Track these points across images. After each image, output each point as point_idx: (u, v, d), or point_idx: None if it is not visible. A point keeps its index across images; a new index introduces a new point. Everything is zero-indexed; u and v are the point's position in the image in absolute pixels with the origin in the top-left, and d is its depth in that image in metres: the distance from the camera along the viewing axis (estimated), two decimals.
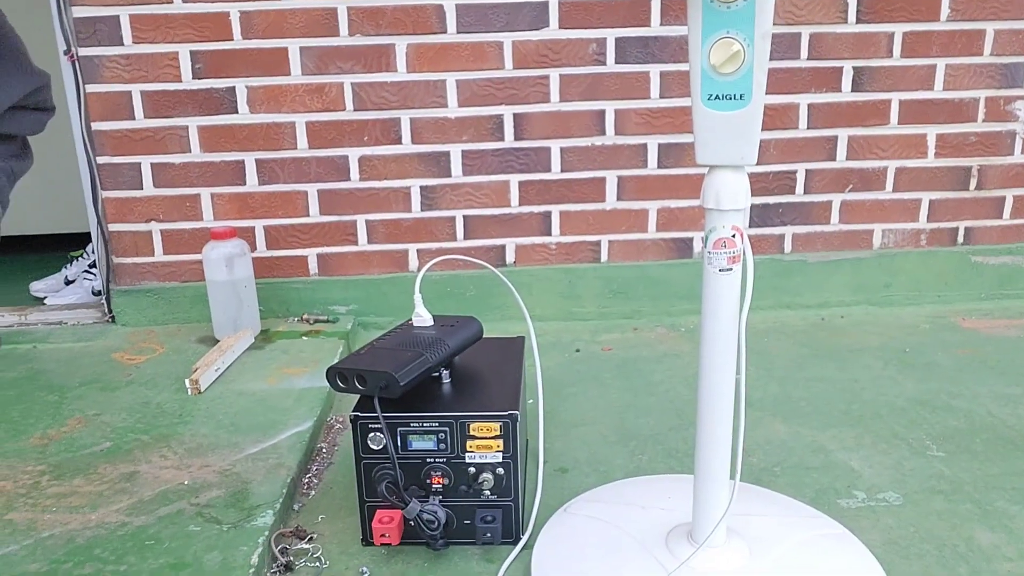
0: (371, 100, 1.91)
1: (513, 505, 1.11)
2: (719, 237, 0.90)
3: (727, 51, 0.82)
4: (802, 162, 2.03)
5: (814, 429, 1.47)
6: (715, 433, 1.00)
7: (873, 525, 1.17)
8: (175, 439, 1.41)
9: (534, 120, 1.95)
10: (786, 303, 2.09)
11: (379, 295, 2.02)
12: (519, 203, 2.00)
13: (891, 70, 1.97)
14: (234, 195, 1.95)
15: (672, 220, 2.04)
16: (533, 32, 1.89)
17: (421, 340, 1.18)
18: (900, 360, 1.77)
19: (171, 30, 1.84)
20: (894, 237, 2.10)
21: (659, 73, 1.93)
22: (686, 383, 1.67)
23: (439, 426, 1.09)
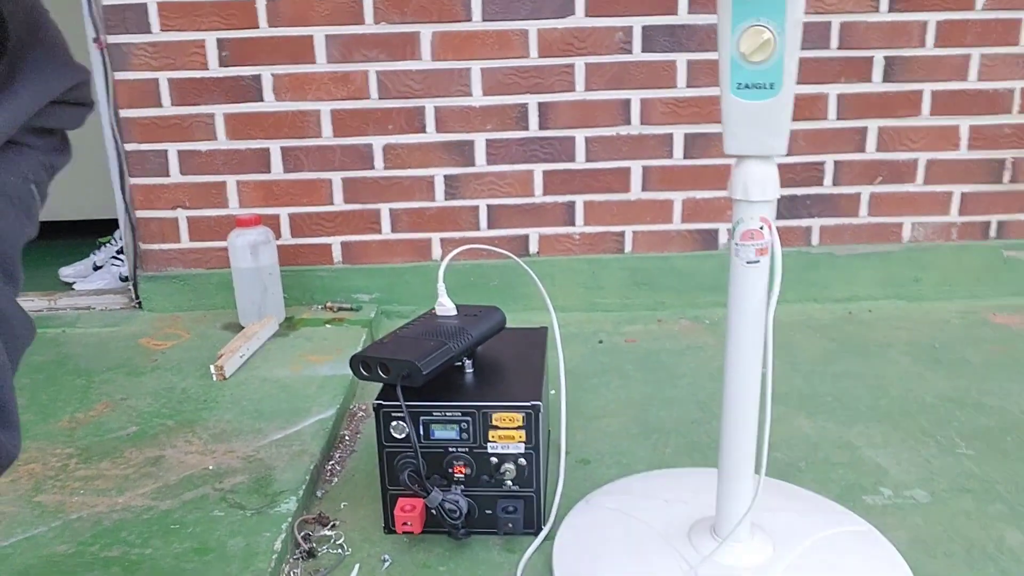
0: (396, 88, 1.91)
1: (535, 496, 1.11)
2: (747, 229, 0.89)
3: (757, 39, 0.80)
4: (831, 153, 2.00)
5: (840, 425, 1.45)
6: (740, 427, 0.99)
7: (900, 523, 1.15)
8: (200, 424, 1.42)
9: (559, 109, 1.93)
10: (813, 296, 2.06)
11: (402, 283, 2.02)
12: (543, 193, 1.99)
13: (924, 60, 1.94)
14: (259, 183, 1.96)
15: (698, 211, 2.02)
16: (559, 20, 1.87)
17: (444, 330, 1.17)
18: (929, 356, 1.74)
19: (198, 18, 1.85)
20: (924, 230, 2.06)
21: (686, 62, 1.91)
22: (710, 376, 1.66)
23: (462, 416, 1.09)
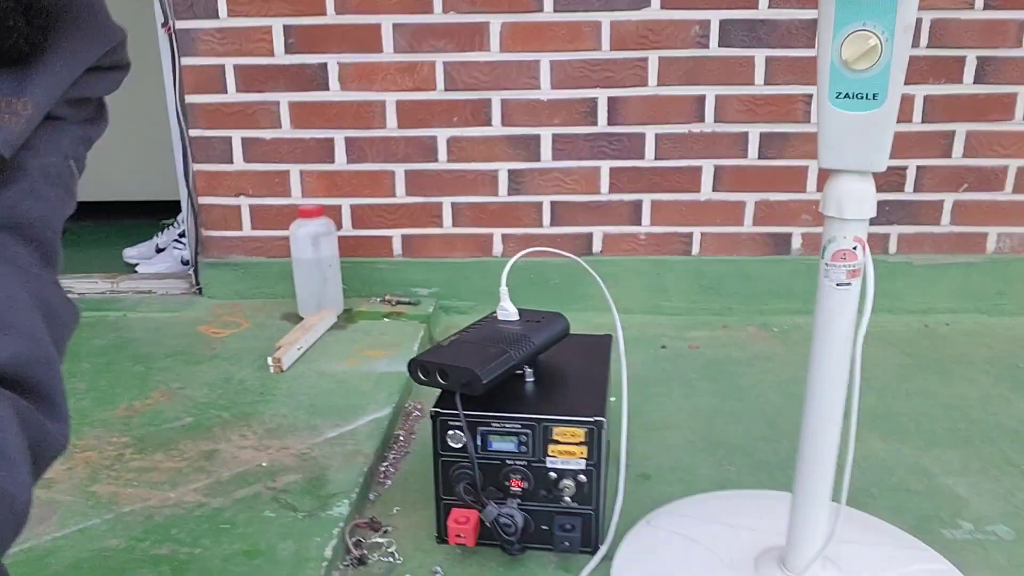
0: (462, 80, 1.87)
1: (594, 514, 1.07)
2: (839, 248, 0.83)
3: (862, 45, 0.74)
4: (914, 158, 1.90)
5: (916, 448, 1.37)
6: (819, 454, 0.93)
7: (982, 561, 1.08)
8: (255, 418, 1.41)
9: (629, 104, 1.87)
10: (887, 307, 1.97)
11: (462, 279, 1.99)
12: (609, 190, 1.93)
13: (1019, 61, 1.82)
14: (322, 172, 1.94)
15: (770, 214, 1.94)
16: (633, 12, 1.81)
17: (506, 336, 1.13)
18: (1013, 376, 1.64)
19: (266, 4, 1.83)
20: (1011, 242, 1.95)
21: (764, 58, 1.83)
22: (778, 389, 1.59)
23: (521, 428, 1.04)
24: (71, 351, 1.74)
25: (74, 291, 2.02)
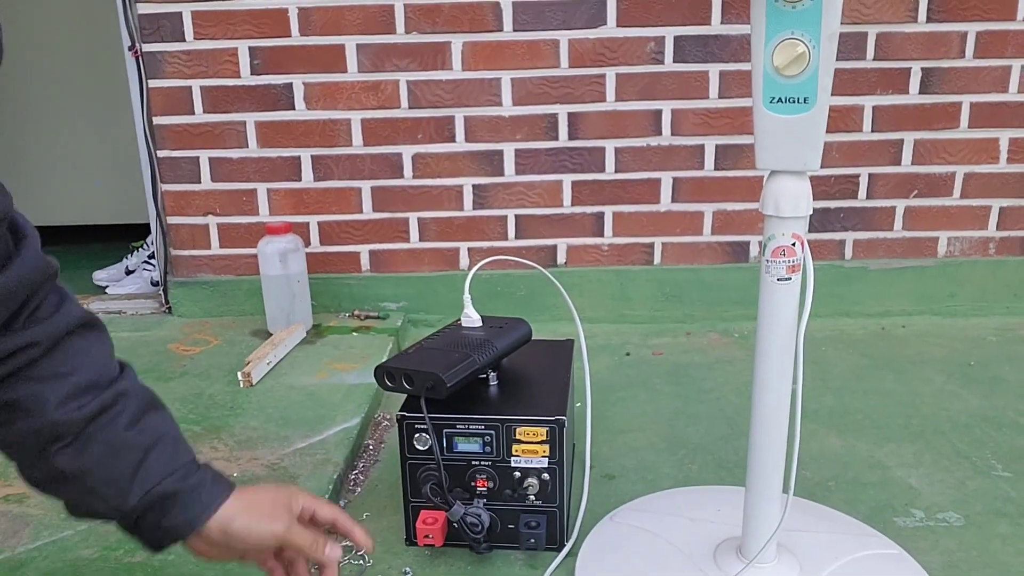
0: (426, 98, 1.91)
1: (558, 511, 1.10)
2: (778, 245, 0.87)
3: (791, 53, 0.79)
4: (865, 166, 1.97)
5: (871, 443, 1.42)
6: (769, 446, 0.97)
7: (932, 547, 1.13)
8: (226, 431, 1.42)
9: (589, 119, 1.92)
10: (845, 311, 2.03)
11: (430, 292, 2.02)
12: (571, 203, 1.98)
13: (962, 71, 1.90)
14: (289, 191, 1.97)
15: (728, 223, 2.00)
16: (590, 30, 1.87)
17: (469, 341, 1.17)
18: (964, 374, 1.70)
19: (231, 26, 1.87)
20: (961, 245, 2.02)
21: (718, 73, 1.89)
22: (738, 391, 1.64)
23: (485, 429, 1.08)
24: None
25: None
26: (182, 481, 0.76)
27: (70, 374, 0.73)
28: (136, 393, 0.77)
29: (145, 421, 0.76)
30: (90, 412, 0.73)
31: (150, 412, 0.77)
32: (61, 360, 0.73)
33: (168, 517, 0.76)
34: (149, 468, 0.75)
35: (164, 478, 0.75)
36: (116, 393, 0.75)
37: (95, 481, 0.74)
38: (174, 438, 0.78)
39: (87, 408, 0.72)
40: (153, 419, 0.77)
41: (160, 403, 0.80)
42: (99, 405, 0.73)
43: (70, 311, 0.75)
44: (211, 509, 0.76)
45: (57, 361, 0.73)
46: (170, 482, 0.75)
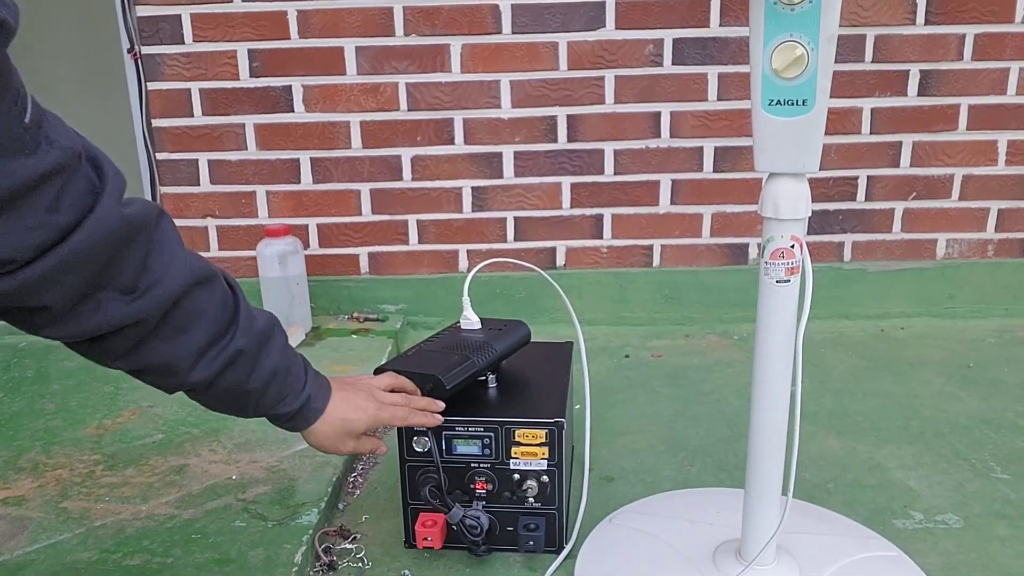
0: (425, 100, 1.91)
1: (557, 514, 1.10)
2: (777, 247, 0.88)
3: (790, 55, 0.79)
4: (864, 168, 1.97)
5: (870, 445, 1.42)
6: (768, 448, 0.97)
7: (931, 548, 1.13)
8: (224, 433, 1.42)
9: (588, 122, 1.93)
10: (844, 313, 2.03)
11: (429, 295, 2.02)
12: (571, 205, 1.98)
13: (961, 73, 1.90)
14: (288, 193, 1.97)
15: (727, 225, 2.00)
16: (589, 33, 1.87)
17: (468, 343, 1.17)
18: (963, 376, 1.70)
19: (230, 29, 1.87)
20: (959, 247, 2.02)
21: (717, 75, 1.89)
22: (738, 393, 1.64)
23: (484, 431, 1.08)
24: (40, 374, 1.74)
25: None
26: (291, 404, 0.93)
27: (189, 331, 0.81)
28: (251, 340, 0.86)
29: (261, 364, 0.88)
30: (214, 371, 0.84)
31: (263, 354, 0.88)
32: (179, 321, 0.80)
33: (284, 425, 0.96)
34: (265, 401, 0.91)
35: (277, 404, 0.92)
36: (234, 352, 0.84)
37: (219, 408, 0.91)
38: (284, 370, 0.91)
39: (212, 367, 0.83)
40: (267, 359, 0.89)
41: (271, 334, 0.90)
42: (220, 364, 0.84)
43: (177, 273, 0.78)
44: (315, 416, 0.96)
45: (175, 324, 0.80)
46: (281, 406, 0.92)
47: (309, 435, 0.98)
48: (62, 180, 0.66)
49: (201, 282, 0.81)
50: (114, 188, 0.71)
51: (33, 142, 0.63)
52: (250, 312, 0.88)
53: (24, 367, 1.75)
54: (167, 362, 0.81)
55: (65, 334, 0.76)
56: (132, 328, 0.77)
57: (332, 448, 1.00)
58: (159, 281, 0.76)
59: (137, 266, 0.75)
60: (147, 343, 0.79)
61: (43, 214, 0.64)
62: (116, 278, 0.73)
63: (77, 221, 0.67)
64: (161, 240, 0.77)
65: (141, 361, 0.81)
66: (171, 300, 0.78)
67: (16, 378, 1.69)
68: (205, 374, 0.83)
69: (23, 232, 0.64)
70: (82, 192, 0.68)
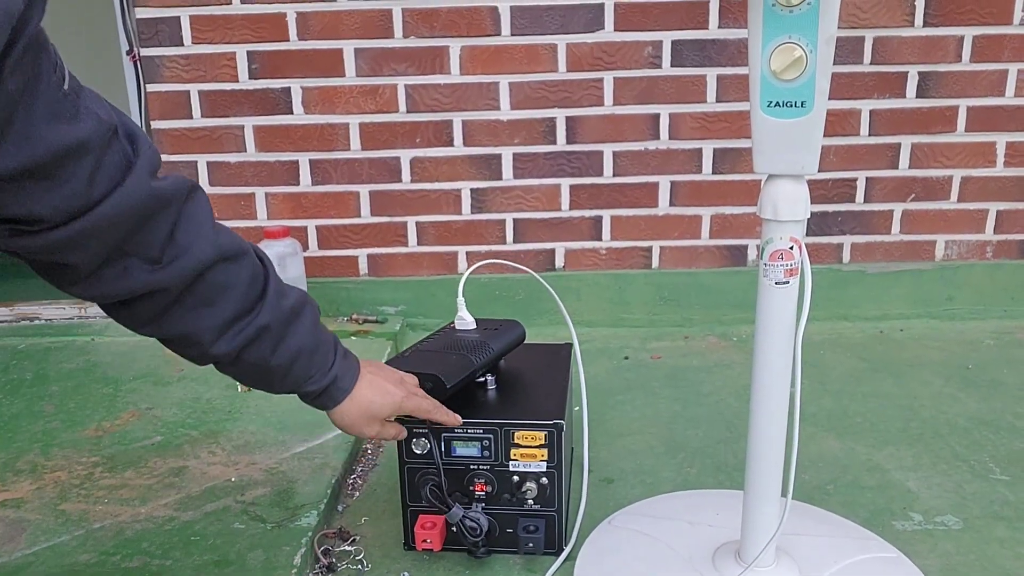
0: (424, 102, 1.91)
1: (556, 515, 1.10)
2: (776, 249, 0.88)
3: (788, 57, 0.79)
4: (863, 170, 1.97)
5: (870, 447, 1.42)
6: (767, 449, 0.97)
7: (930, 550, 1.13)
8: (223, 435, 1.42)
9: (587, 123, 1.93)
10: (843, 315, 2.03)
11: (428, 296, 2.02)
12: (570, 207, 1.98)
13: (959, 75, 1.91)
14: (288, 195, 1.97)
15: (726, 227, 2.00)
16: (588, 34, 1.87)
17: (466, 343, 1.17)
18: (962, 377, 1.70)
19: (229, 31, 1.87)
20: (958, 249, 2.03)
21: (716, 77, 1.90)
22: (737, 394, 1.64)
23: (483, 433, 1.08)
24: (39, 375, 1.75)
25: (41, 317, 2.02)
26: (318, 383, 0.93)
27: (213, 304, 0.82)
28: (277, 317, 0.87)
29: (286, 343, 0.88)
30: (237, 346, 0.85)
31: (289, 332, 0.89)
32: (203, 294, 0.82)
33: (311, 403, 0.96)
34: (290, 378, 0.92)
35: (303, 382, 0.93)
36: (258, 328, 0.85)
37: (248, 382, 0.93)
38: (311, 349, 0.91)
39: (235, 341, 0.84)
40: (293, 339, 0.89)
41: (300, 313, 0.90)
42: (244, 339, 0.85)
43: (203, 247, 0.79)
44: (342, 396, 0.96)
45: (199, 296, 0.81)
46: (308, 385, 0.93)
47: (334, 415, 0.98)
48: (98, 151, 0.67)
49: (228, 258, 0.82)
50: (146, 162, 0.73)
51: (72, 109, 0.65)
52: (280, 290, 0.89)
53: (23, 369, 1.75)
54: (190, 332, 0.83)
55: (90, 294, 0.78)
56: (156, 295, 0.79)
57: (356, 430, 1.00)
58: (184, 253, 0.78)
59: (163, 237, 0.76)
60: (171, 312, 0.81)
61: (78, 184, 0.66)
62: (142, 247, 0.75)
63: (107, 192, 0.69)
64: (191, 214, 0.79)
65: (166, 329, 0.83)
66: (195, 272, 0.79)
67: (15, 380, 1.69)
68: (228, 348, 0.85)
69: (58, 198, 0.66)
70: (116, 165, 0.70)
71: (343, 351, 0.98)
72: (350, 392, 0.96)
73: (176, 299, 0.80)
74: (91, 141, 0.66)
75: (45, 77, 0.62)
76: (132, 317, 0.82)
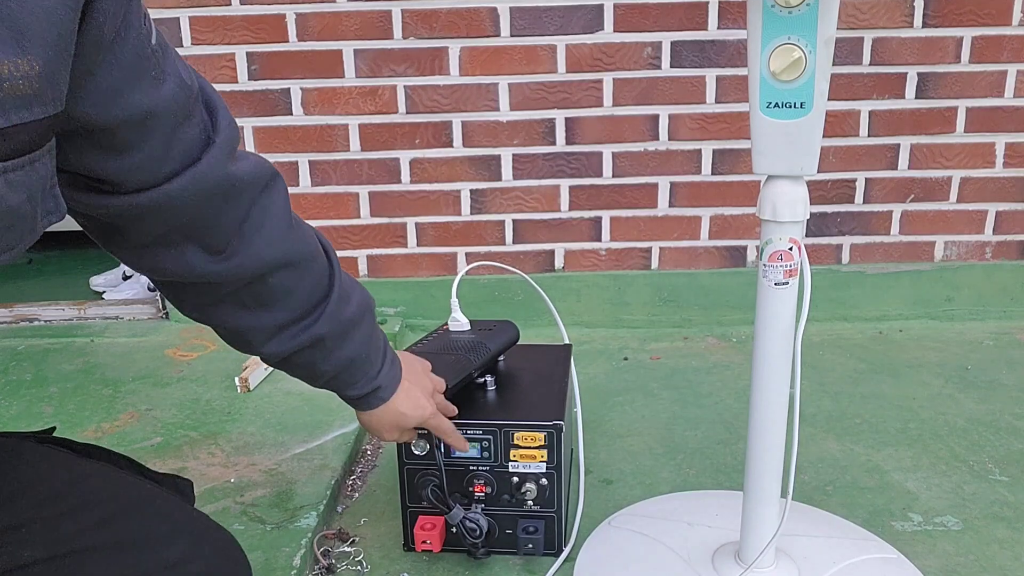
0: (423, 103, 1.91)
1: (556, 516, 1.10)
2: (775, 250, 0.88)
3: (788, 58, 0.79)
4: (862, 170, 1.97)
5: (869, 448, 1.42)
6: (766, 450, 0.97)
7: (929, 550, 1.13)
8: (223, 436, 1.42)
9: (586, 124, 1.93)
10: (842, 315, 2.03)
11: (427, 297, 2.02)
12: (569, 208, 1.98)
13: (958, 76, 1.91)
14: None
15: (726, 228, 2.00)
16: (587, 35, 1.87)
17: (461, 345, 1.17)
18: (961, 378, 1.70)
19: (229, 32, 1.87)
20: (957, 249, 2.03)
21: (715, 77, 1.90)
22: (736, 395, 1.64)
23: (483, 434, 1.08)
24: (38, 377, 1.74)
25: (41, 318, 2.02)
26: (360, 389, 0.92)
27: (271, 307, 0.79)
28: (335, 327, 0.84)
29: (339, 352, 0.86)
30: (289, 349, 0.83)
31: (345, 341, 0.86)
32: (261, 295, 0.78)
33: (347, 401, 0.95)
34: (335, 382, 0.91)
35: (346, 387, 0.92)
36: (313, 337, 0.83)
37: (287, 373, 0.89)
38: (362, 358, 0.90)
39: (288, 345, 0.82)
40: (346, 348, 0.87)
41: (359, 322, 0.87)
42: (297, 345, 0.83)
43: (271, 248, 0.75)
44: (379, 404, 0.95)
45: (256, 296, 0.78)
46: (350, 390, 0.92)
47: (362, 415, 0.98)
48: (177, 121, 0.62)
49: (294, 264, 0.78)
50: (225, 140, 0.67)
51: (157, 68, 0.60)
52: (343, 295, 0.85)
53: (22, 370, 1.75)
54: (241, 329, 0.80)
55: (136, 265, 0.73)
56: (211, 287, 0.75)
57: (378, 434, 1.00)
58: (249, 251, 0.73)
59: (231, 228, 0.72)
60: (224, 306, 0.78)
61: (151, 152, 0.62)
62: (205, 234, 0.70)
63: (180, 169, 0.64)
64: (265, 206, 0.74)
65: (214, 320, 0.80)
66: (256, 273, 0.75)
67: (14, 381, 1.69)
68: (279, 349, 0.82)
69: (127, 165, 0.61)
70: (193, 140, 0.65)
71: (391, 357, 0.95)
72: (387, 401, 0.95)
73: (230, 294, 0.76)
74: (171, 108, 0.61)
75: (135, 27, 0.57)
76: (180, 300, 0.79)
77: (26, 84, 0.48)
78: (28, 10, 0.47)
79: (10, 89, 0.48)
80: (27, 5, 0.47)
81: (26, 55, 0.48)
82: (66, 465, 0.76)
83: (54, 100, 0.51)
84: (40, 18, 0.48)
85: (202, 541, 0.76)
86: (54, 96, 0.51)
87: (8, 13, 0.47)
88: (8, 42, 0.47)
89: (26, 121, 0.50)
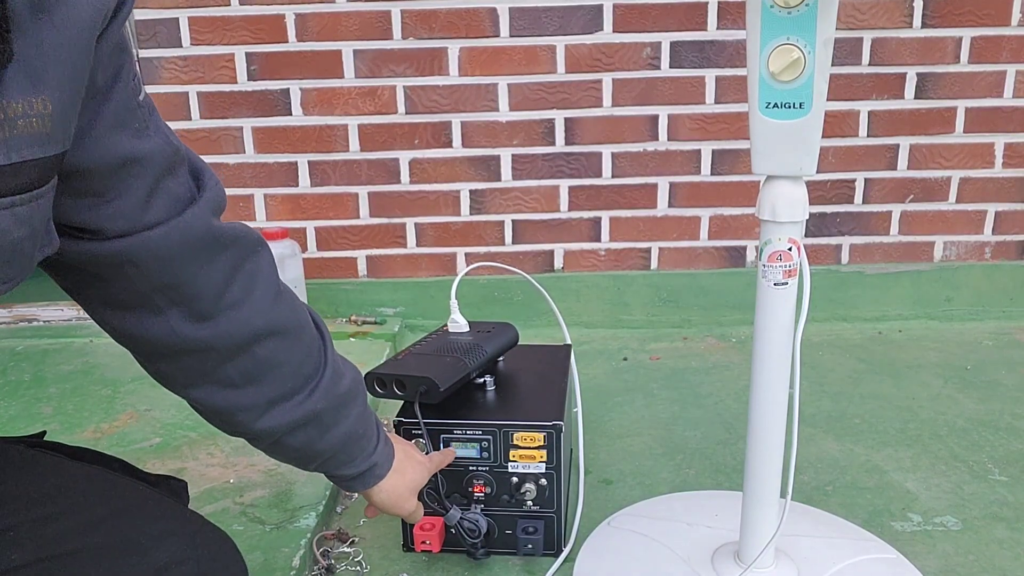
0: (423, 103, 1.91)
1: (555, 517, 1.10)
2: (775, 250, 0.88)
3: (787, 58, 0.79)
4: (861, 171, 1.97)
5: (868, 448, 1.42)
6: (766, 450, 0.97)
7: (929, 551, 1.13)
8: (222, 437, 1.42)
9: (586, 125, 1.93)
10: (842, 316, 2.03)
11: (427, 297, 2.02)
12: (568, 208, 1.98)
13: (957, 76, 1.91)
14: (286, 196, 1.97)
15: (725, 228, 2.00)
16: (587, 36, 1.87)
17: (459, 346, 1.17)
18: (961, 378, 1.70)
19: (228, 32, 1.87)
20: (957, 250, 2.03)
21: (715, 78, 1.90)
22: (736, 395, 1.64)
23: (482, 434, 1.08)
24: (37, 377, 1.73)
25: (40, 319, 2.02)
26: (356, 468, 0.89)
27: (259, 383, 0.75)
28: (331, 402, 0.81)
29: (336, 428, 0.83)
30: (285, 426, 0.78)
31: (341, 417, 0.83)
32: (249, 366, 0.74)
33: (340, 484, 0.92)
34: (331, 462, 0.87)
35: (342, 466, 0.88)
36: (308, 413, 0.79)
37: (280, 459, 0.86)
38: (359, 435, 0.87)
39: (281, 421, 0.78)
40: (343, 424, 0.84)
41: (354, 395, 0.85)
42: (291, 421, 0.78)
43: (257, 315, 0.72)
44: (374, 483, 0.92)
45: (245, 367, 0.74)
46: (345, 468, 0.88)
47: (372, 494, 0.94)
48: (160, 173, 0.63)
49: (282, 333, 0.75)
50: (211, 198, 0.67)
51: (144, 122, 0.61)
52: (337, 369, 0.82)
53: (21, 370, 1.75)
54: (232, 409, 0.76)
55: (119, 332, 0.71)
56: (193, 356, 0.71)
57: (396, 508, 0.97)
58: (235, 316, 0.71)
59: (215, 289, 0.69)
60: (210, 386, 0.74)
61: (130, 200, 0.61)
62: (191, 298, 0.68)
63: (162, 220, 0.64)
64: (252, 273, 0.72)
65: (198, 398, 0.75)
66: (243, 342, 0.72)
67: (13, 382, 1.69)
68: (271, 426, 0.77)
69: (109, 214, 0.61)
70: (177, 196, 0.65)
71: (385, 435, 0.93)
72: (383, 478, 0.92)
73: (216, 369, 0.72)
74: (154, 159, 0.62)
75: (124, 80, 0.59)
76: (166, 377, 0.74)
77: (39, 123, 0.50)
78: (44, 52, 0.50)
79: (24, 127, 0.50)
80: (44, 48, 0.49)
81: (40, 95, 0.50)
82: (56, 468, 0.75)
83: (63, 139, 0.53)
84: (55, 60, 0.50)
85: (195, 542, 0.75)
86: (63, 135, 0.53)
87: (26, 54, 0.49)
88: (24, 82, 0.49)
89: (37, 157, 0.51)
